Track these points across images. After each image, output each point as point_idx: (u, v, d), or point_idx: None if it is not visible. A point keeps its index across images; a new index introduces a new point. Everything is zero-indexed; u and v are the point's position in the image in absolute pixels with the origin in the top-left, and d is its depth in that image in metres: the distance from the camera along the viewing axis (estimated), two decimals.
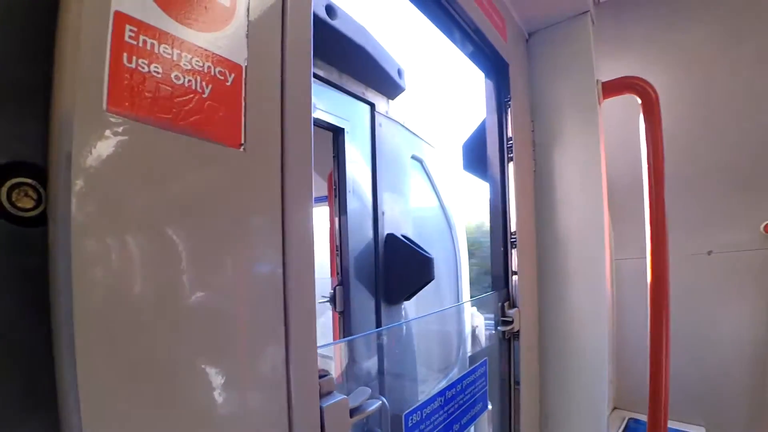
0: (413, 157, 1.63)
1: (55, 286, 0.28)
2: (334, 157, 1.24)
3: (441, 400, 0.82)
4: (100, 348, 0.27)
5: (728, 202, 1.97)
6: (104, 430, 0.27)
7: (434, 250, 1.34)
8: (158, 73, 0.30)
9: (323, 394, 0.47)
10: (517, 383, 1.14)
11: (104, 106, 0.27)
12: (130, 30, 0.29)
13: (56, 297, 0.28)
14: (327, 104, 1.17)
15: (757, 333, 1.89)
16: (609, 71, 1.32)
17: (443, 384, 0.87)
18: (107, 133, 0.27)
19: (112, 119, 0.28)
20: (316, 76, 1.11)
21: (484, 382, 0.99)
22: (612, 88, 1.21)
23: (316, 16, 0.99)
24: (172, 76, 0.31)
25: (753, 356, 1.89)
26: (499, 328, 1.09)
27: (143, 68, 0.29)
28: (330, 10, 1.04)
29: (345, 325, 1.26)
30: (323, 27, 1.03)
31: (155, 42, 0.30)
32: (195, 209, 0.32)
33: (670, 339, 1.17)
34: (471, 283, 2.14)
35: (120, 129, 0.28)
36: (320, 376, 0.47)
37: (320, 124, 1.17)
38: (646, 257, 1.20)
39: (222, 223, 0.34)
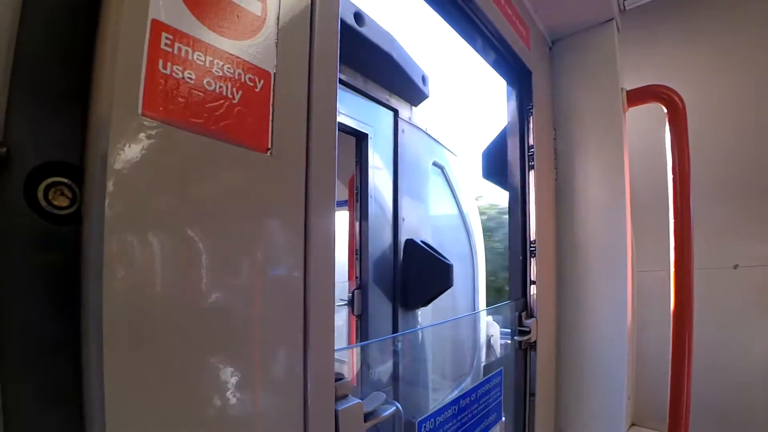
0: (434, 164, 1.63)
1: (86, 282, 0.29)
2: (356, 162, 1.25)
3: (455, 409, 0.82)
4: (127, 344, 0.28)
5: (756, 214, 1.90)
6: (127, 425, 0.28)
7: (452, 257, 1.33)
8: (191, 79, 0.31)
9: (338, 398, 0.48)
10: (533, 394, 1.12)
11: (139, 110, 0.28)
12: (166, 37, 0.30)
13: (87, 292, 0.29)
14: (351, 109, 1.18)
15: None
16: (634, 79, 1.29)
17: (457, 392, 0.86)
18: (141, 136, 0.28)
19: (146, 123, 0.29)
20: (341, 81, 1.12)
21: (499, 392, 0.97)
22: (637, 96, 1.19)
23: (343, 23, 1.00)
24: (205, 82, 0.32)
25: None
26: (515, 337, 1.07)
27: (177, 74, 0.30)
28: (358, 17, 1.06)
29: (362, 329, 1.27)
30: (351, 34, 1.04)
31: (189, 49, 0.31)
32: (222, 211, 0.33)
33: (693, 354, 1.13)
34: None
35: (153, 132, 0.29)
36: (336, 380, 0.47)
37: (344, 129, 1.18)
38: (666, 270, 1.16)
39: (247, 226, 0.35)
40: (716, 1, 1.39)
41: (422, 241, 1.37)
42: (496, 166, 1.33)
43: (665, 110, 1.17)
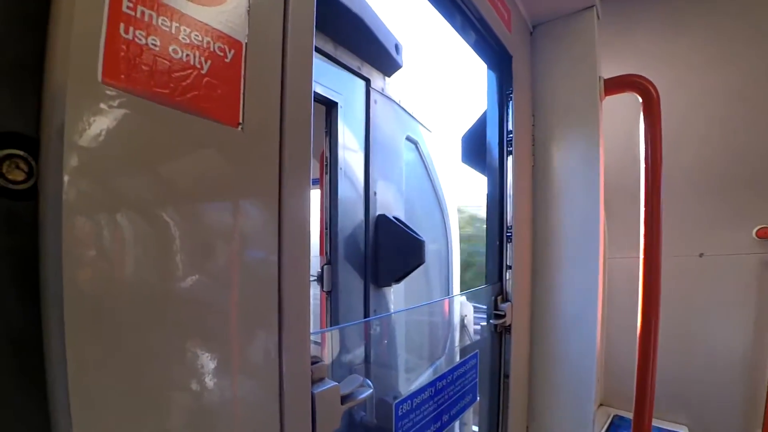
0: (408, 139, 1.59)
1: (45, 262, 0.27)
2: (326, 132, 1.20)
3: (431, 391, 0.83)
4: (90, 329, 0.26)
5: (722, 205, 1.99)
6: (93, 413, 0.27)
7: (425, 234, 1.32)
8: (156, 45, 0.29)
9: (315, 381, 0.47)
10: (507, 376, 1.15)
11: (99, 77, 0.26)
12: (128, 0, 0.28)
13: (45, 276, 0.27)
14: (320, 76, 1.12)
15: (745, 337, 1.93)
16: (612, 68, 1.31)
17: (431, 371, 0.87)
18: (101, 105, 0.27)
19: (107, 91, 0.27)
20: None
21: (475, 374, 1.00)
22: (614, 85, 1.21)
23: None
24: (170, 49, 0.30)
25: (740, 359, 1.93)
26: (491, 321, 1.09)
27: (140, 40, 0.28)
28: None
29: (332, 306, 1.24)
30: None
31: (153, 13, 0.29)
32: (190, 189, 0.31)
33: (659, 339, 1.18)
34: None
35: (115, 102, 0.27)
36: (312, 363, 0.47)
37: (314, 96, 1.13)
38: (636, 257, 1.20)
39: (217, 205, 0.34)
40: None
41: (394, 217, 1.34)
42: (475, 150, 1.33)
43: (640, 100, 1.19)
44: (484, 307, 1.13)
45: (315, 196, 1.29)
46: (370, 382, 0.59)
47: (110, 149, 0.27)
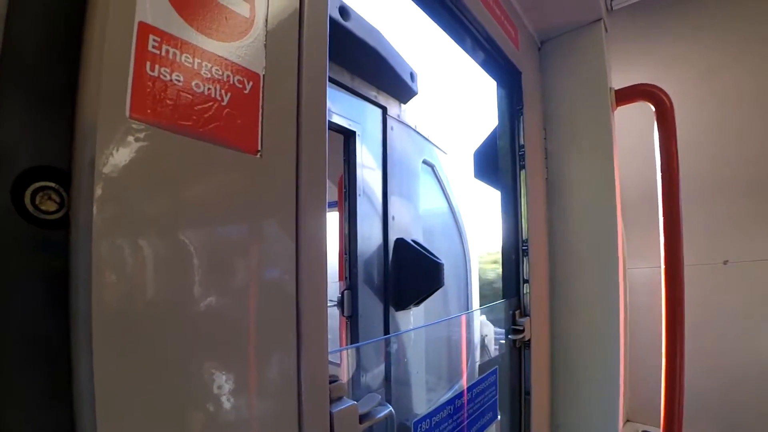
0: (425, 162, 1.62)
1: (75, 287, 0.29)
2: (344, 160, 1.24)
3: (450, 409, 0.82)
4: (116, 349, 0.28)
5: (744, 211, 1.94)
6: (117, 428, 0.28)
7: (444, 256, 1.32)
8: (179, 81, 0.31)
9: (333, 400, 0.47)
10: (528, 393, 1.12)
11: (127, 113, 0.28)
12: (154, 40, 0.30)
13: (75, 298, 0.28)
14: (339, 107, 1.17)
15: None
16: (622, 78, 1.31)
17: (451, 393, 0.86)
18: (129, 139, 0.28)
19: (135, 126, 0.29)
20: (328, 77, 1.11)
21: (494, 391, 0.98)
22: (625, 95, 1.20)
23: (329, 18, 0.99)
24: (193, 84, 0.32)
25: None
26: (509, 336, 1.08)
27: (165, 77, 0.30)
28: (343, 11, 1.04)
29: (352, 330, 1.25)
30: (336, 28, 1.03)
31: (177, 51, 0.31)
32: (211, 214, 0.33)
33: (685, 350, 1.14)
34: None
35: (142, 135, 0.29)
36: (330, 381, 0.47)
37: (331, 126, 1.17)
38: (657, 267, 1.18)
39: (237, 229, 0.35)
40: (701, 2, 1.41)
41: (413, 240, 1.36)
42: (487, 166, 1.33)
43: (653, 109, 1.18)
44: (503, 329, 1.11)
45: (334, 219, 1.32)
46: (389, 405, 0.59)
47: (137, 180, 0.29)
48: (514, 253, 1.14)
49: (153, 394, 0.29)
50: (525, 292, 1.12)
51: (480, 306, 2.12)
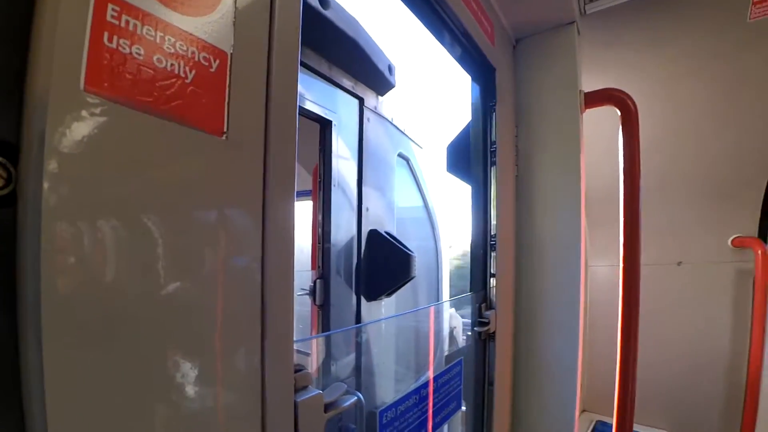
0: (400, 155, 1.63)
1: (22, 269, 0.27)
2: (320, 149, 1.23)
3: (416, 398, 0.83)
4: (68, 338, 0.26)
5: (699, 215, 2.06)
6: (71, 424, 0.26)
7: (416, 249, 1.34)
8: (140, 54, 0.29)
9: (298, 389, 0.47)
10: (491, 384, 1.15)
11: (81, 85, 0.27)
12: (113, 9, 0.28)
13: (23, 281, 0.27)
14: (316, 95, 1.15)
15: (722, 342, 1.98)
16: (595, 81, 1.35)
17: (418, 383, 0.87)
18: (83, 113, 0.27)
19: (90, 99, 0.27)
20: (305, 65, 1.10)
21: (459, 381, 1.00)
22: (594, 98, 1.24)
23: (308, 5, 0.97)
24: (155, 58, 0.30)
25: (718, 364, 1.98)
26: (475, 328, 1.10)
27: (124, 49, 0.28)
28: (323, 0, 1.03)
29: (324, 319, 1.25)
30: (315, 17, 1.01)
31: (138, 23, 0.29)
32: (172, 197, 0.32)
33: (639, 345, 1.21)
34: None
35: (97, 110, 0.27)
36: (295, 371, 0.47)
37: (308, 115, 1.15)
38: (617, 265, 1.23)
39: (200, 213, 0.34)
40: (674, 11, 1.47)
41: (386, 232, 1.37)
42: (459, 160, 1.35)
43: (619, 113, 1.23)
44: (470, 316, 1.14)
45: (308, 209, 1.31)
46: (358, 393, 0.59)
47: (91, 156, 0.27)
48: (482, 247, 1.16)
49: (110, 389, 0.28)
50: (491, 285, 1.15)
51: (449, 298, 2.16)
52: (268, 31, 0.39)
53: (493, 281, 1.15)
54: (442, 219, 2.04)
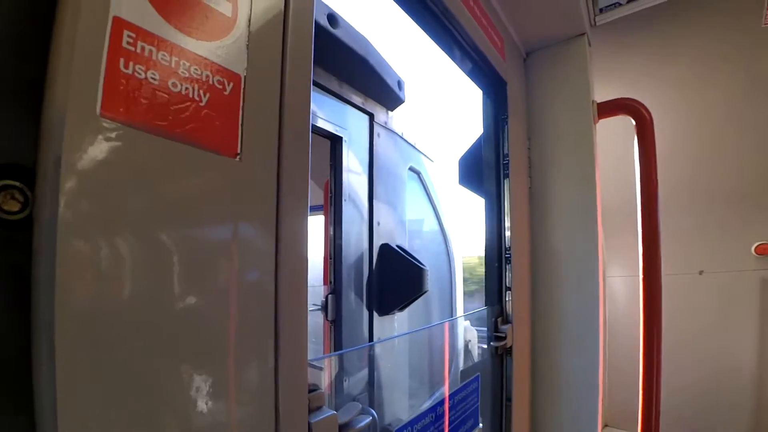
0: (411, 169, 1.63)
1: (38, 290, 0.27)
2: (331, 165, 1.24)
3: (432, 417, 0.81)
4: (81, 353, 0.26)
5: (720, 223, 2.00)
6: None
7: (429, 262, 1.33)
8: (155, 80, 0.30)
9: (312, 410, 0.46)
10: (509, 400, 1.12)
11: (98, 110, 0.27)
12: (128, 36, 0.28)
13: (38, 303, 0.27)
14: (326, 112, 1.17)
15: (749, 354, 1.90)
16: (605, 92, 1.34)
17: (433, 400, 0.85)
18: (99, 138, 0.27)
19: (105, 124, 0.27)
20: (315, 84, 1.11)
21: (476, 398, 0.98)
22: (607, 108, 1.23)
23: (317, 25, 0.99)
24: (170, 83, 0.31)
25: (744, 376, 1.90)
26: (491, 343, 1.08)
27: (140, 74, 0.29)
28: (332, 19, 1.05)
29: (336, 335, 1.25)
30: (325, 36, 1.03)
31: (153, 49, 0.30)
32: (186, 218, 0.32)
33: (662, 358, 1.17)
34: None
35: (113, 134, 0.28)
36: (310, 391, 0.46)
37: (319, 132, 1.17)
38: (635, 276, 1.20)
39: (213, 233, 0.34)
40: (683, 19, 1.46)
41: (397, 246, 1.36)
42: (471, 173, 1.34)
43: (633, 122, 1.21)
44: (485, 331, 1.12)
45: (320, 224, 1.32)
46: (373, 411, 0.58)
47: (107, 180, 0.27)
48: (497, 260, 1.15)
49: (121, 405, 0.28)
50: (507, 299, 1.13)
51: (464, 312, 2.14)
52: (281, 52, 0.39)
53: (508, 295, 1.13)
54: (455, 231, 2.03)
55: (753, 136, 1.76)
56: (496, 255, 1.15)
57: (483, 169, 1.22)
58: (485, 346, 1.12)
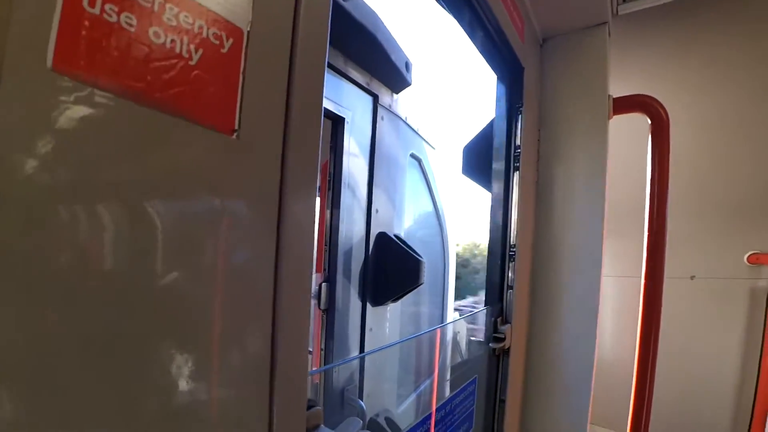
0: (412, 156, 1.57)
1: None
2: (331, 147, 1.17)
3: (429, 424, 0.77)
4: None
5: (715, 230, 2.00)
6: None
7: (424, 252, 1.28)
8: (131, 25, 0.22)
9: (309, 429, 0.41)
10: (503, 401, 1.09)
11: (49, 62, 0.20)
12: None
13: None
14: (329, 91, 1.10)
15: (732, 361, 1.93)
16: (619, 86, 1.28)
17: (431, 405, 0.82)
18: (51, 100, 0.20)
19: (60, 82, 0.20)
20: None
21: (473, 401, 0.94)
22: (623, 104, 1.17)
23: None
24: (150, 32, 0.23)
25: (726, 386, 1.92)
26: (490, 344, 1.04)
27: (110, 16, 0.21)
28: None
29: (328, 324, 1.20)
30: (334, 8, 0.95)
31: None
32: (168, 211, 0.25)
33: (657, 360, 1.16)
34: None
35: (70, 96, 0.20)
36: (307, 407, 0.41)
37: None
38: (628, 276, 1.19)
39: (202, 230, 0.27)
40: (703, 16, 1.40)
41: (395, 235, 1.31)
42: (476, 163, 1.29)
43: (649, 121, 1.16)
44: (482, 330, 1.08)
45: (316, 207, 1.26)
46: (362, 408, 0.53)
47: (60, 157, 0.20)
48: (500, 258, 1.09)
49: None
50: (509, 299, 1.08)
51: (454, 302, 2.12)
52: (293, 8, 0.31)
53: (510, 294, 1.08)
54: (452, 222, 1.99)
55: (752, 146, 1.74)
56: (500, 252, 1.10)
57: (490, 160, 1.16)
58: (474, 338, 1.08)
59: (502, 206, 1.10)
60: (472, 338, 1.11)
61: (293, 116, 0.32)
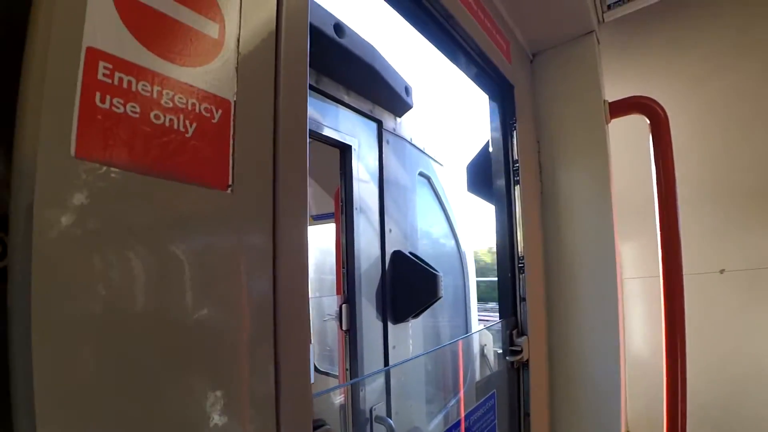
0: (420, 174, 1.62)
1: (14, 354, 0.25)
2: (341, 174, 1.23)
3: None
4: (62, 420, 0.24)
5: (739, 219, 1.93)
6: None
7: (442, 267, 1.31)
8: (135, 113, 0.27)
9: None
10: (527, 414, 1.08)
11: (72, 151, 0.24)
12: (104, 67, 0.26)
13: (14, 367, 0.24)
14: (334, 121, 1.17)
15: None
16: (616, 90, 1.29)
17: (451, 419, 0.82)
18: (75, 182, 0.24)
19: (82, 166, 0.25)
20: (323, 93, 1.11)
21: (493, 415, 0.94)
22: (619, 108, 1.19)
23: (324, 35, 0.98)
24: (152, 115, 0.28)
25: None
26: (507, 358, 1.04)
27: (118, 108, 0.26)
28: (338, 28, 1.04)
29: (351, 344, 1.23)
30: (331, 45, 1.03)
31: (133, 79, 0.27)
32: (177, 261, 0.29)
33: (686, 360, 1.12)
34: None
35: (91, 177, 0.25)
36: (315, 428, 0.43)
37: (327, 141, 1.17)
38: (651, 276, 1.16)
39: (207, 274, 0.31)
40: (692, 12, 1.41)
41: (410, 252, 1.34)
42: (480, 179, 1.31)
43: (648, 121, 1.17)
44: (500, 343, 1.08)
45: (332, 232, 1.31)
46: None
47: (87, 227, 0.25)
48: (510, 270, 1.11)
49: None
50: (522, 311, 1.09)
51: (478, 312, 2.10)
52: (273, 73, 0.36)
53: (523, 306, 1.09)
54: (467, 235, 2.00)
55: None
56: (509, 265, 1.11)
57: (492, 176, 1.18)
58: (502, 360, 1.08)
59: (507, 220, 1.11)
60: (487, 350, 1.12)
61: (281, 165, 0.36)
